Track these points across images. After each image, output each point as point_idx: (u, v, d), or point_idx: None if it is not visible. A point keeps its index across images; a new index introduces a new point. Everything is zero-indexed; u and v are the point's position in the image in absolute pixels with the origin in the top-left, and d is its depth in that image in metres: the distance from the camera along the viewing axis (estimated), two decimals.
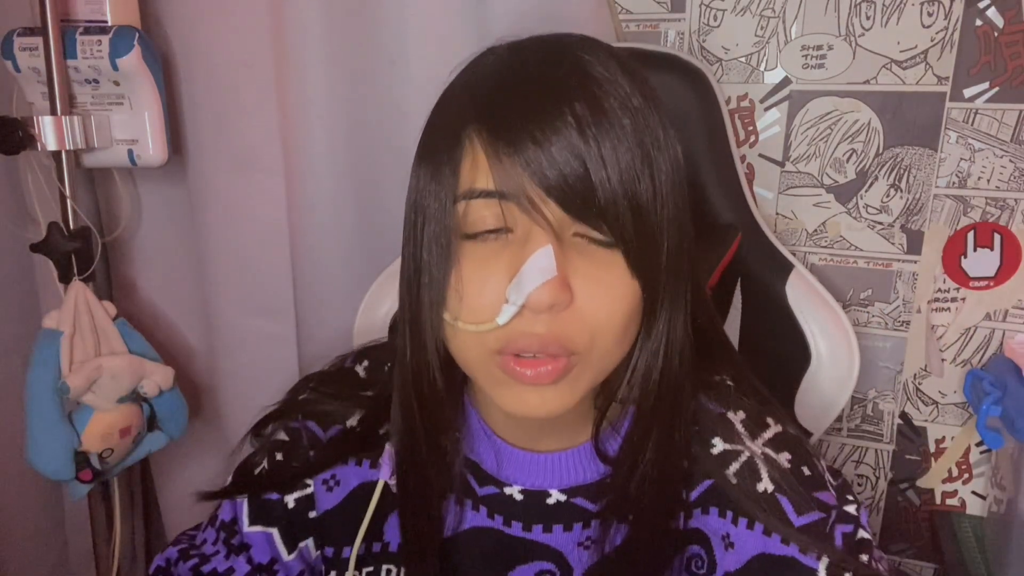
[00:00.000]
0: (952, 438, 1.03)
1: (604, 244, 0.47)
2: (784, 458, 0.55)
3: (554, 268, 0.44)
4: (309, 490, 0.63)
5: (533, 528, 0.58)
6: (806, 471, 0.55)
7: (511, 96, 0.47)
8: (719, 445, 0.55)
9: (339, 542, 0.62)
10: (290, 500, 0.63)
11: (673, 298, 0.50)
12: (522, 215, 0.46)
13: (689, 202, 0.52)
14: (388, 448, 0.60)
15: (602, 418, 0.55)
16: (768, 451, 0.55)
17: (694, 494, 0.56)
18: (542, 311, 0.45)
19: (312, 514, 0.63)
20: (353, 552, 0.60)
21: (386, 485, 0.60)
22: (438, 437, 0.57)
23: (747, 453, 0.55)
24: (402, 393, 0.56)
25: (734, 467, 0.54)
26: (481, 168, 0.46)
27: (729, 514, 0.54)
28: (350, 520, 0.61)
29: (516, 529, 0.58)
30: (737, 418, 0.57)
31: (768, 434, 0.57)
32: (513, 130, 0.45)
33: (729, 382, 0.59)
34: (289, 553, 0.63)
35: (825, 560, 0.51)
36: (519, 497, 0.58)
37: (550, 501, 0.58)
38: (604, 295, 0.47)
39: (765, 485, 0.53)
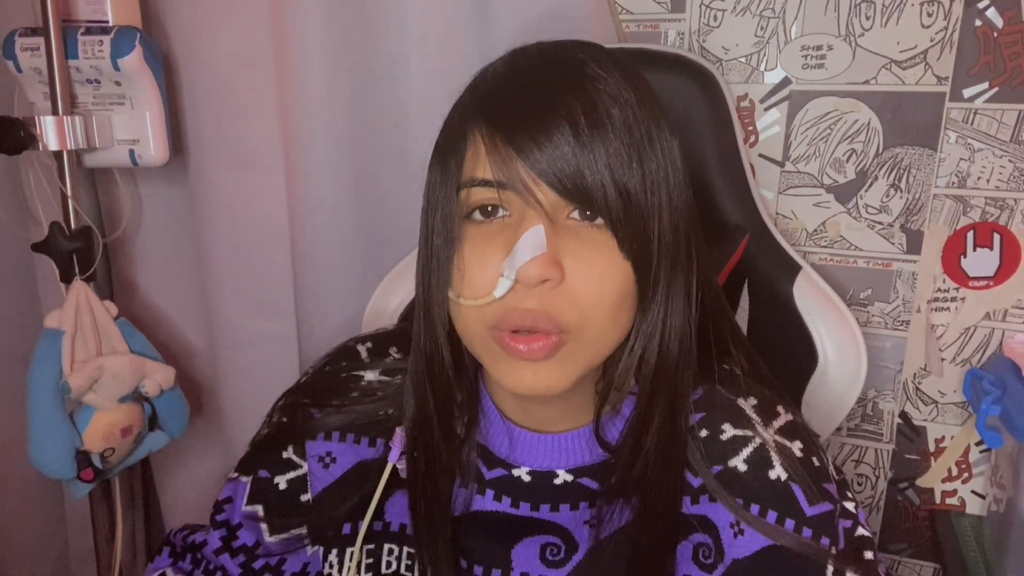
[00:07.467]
0: (952, 437, 1.03)
1: (596, 226, 0.50)
2: (796, 447, 0.55)
3: (544, 245, 0.48)
4: (302, 470, 0.64)
5: (541, 508, 0.59)
6: (815, 462, 0.55)
7: (510, 94, 0.51)
8: (729, 431, 0.56)
9: (336, 519, 0.63)
10: (281, 481, 0.64)
11: (670, 285, 0.52)
12: (517, 199, 0.49)
13: (693, 200, 0.54)
14: (398, 432, 0.61)
15: (602, 403, 0.56)
16: (780, 439, 0.56)
17: (700, 480, 0.56)
18: (532, 284, 0.48)
19: (304, 497, 0.64)
20: (361, 532, 0.60)
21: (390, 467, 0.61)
22: (449, 421, 0.60)
23: (758, 440, 0.55)
24: (415, 376, 0.59)
25: (745, 453, 0.55)
26: (481, 159, 0.50)
27: (739, 501, 0.54)
28: (347, 498, 0.62)
29: (524, 509, 0.59)
30: (748, 404, 0.57)
31: (779, 422, 0.57)
32: (510, 123, 0.49)
33: (738, 371, 0.60)
34: (271, 534, 0.64)
35: (833, 551, 0.52)
36: (527, 478, 0.59)
37: (557, 481, 0.59)
38: (594, 273, 0.49)
39: (778, 473, 0.54)
